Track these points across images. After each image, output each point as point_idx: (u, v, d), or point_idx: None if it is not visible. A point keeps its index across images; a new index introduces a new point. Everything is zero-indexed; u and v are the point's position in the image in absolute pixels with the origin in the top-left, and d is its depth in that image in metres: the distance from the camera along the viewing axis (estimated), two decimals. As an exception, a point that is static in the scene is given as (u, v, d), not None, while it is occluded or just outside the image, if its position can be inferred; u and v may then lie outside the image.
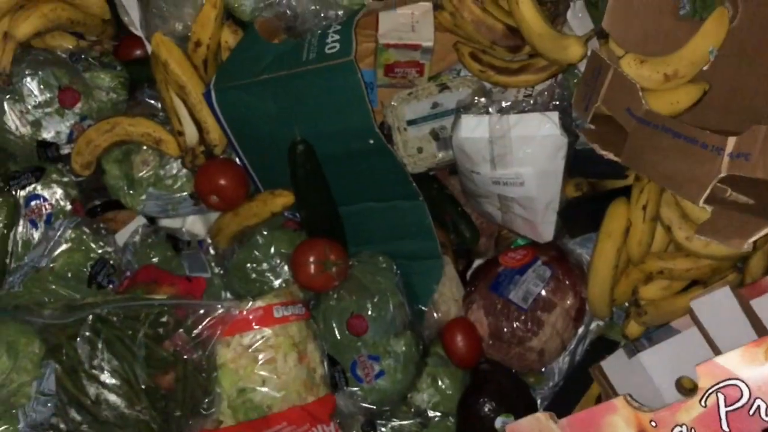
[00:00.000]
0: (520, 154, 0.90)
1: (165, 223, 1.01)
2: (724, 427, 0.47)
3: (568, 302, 0.98)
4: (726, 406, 0.47)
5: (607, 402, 0.51)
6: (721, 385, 0.47)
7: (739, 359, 0.46)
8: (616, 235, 0.90)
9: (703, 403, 0.47)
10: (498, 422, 0.93)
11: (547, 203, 0.96)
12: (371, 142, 0.88)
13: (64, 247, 0.90)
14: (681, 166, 0.70)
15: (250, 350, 0.84)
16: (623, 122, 0.79)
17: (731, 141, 0.65)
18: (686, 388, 0.76)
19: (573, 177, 1.00)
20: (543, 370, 1.03)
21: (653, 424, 0.48)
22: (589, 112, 0.82)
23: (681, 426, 0.47)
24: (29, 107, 0.92)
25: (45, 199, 0.92)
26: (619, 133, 0.80)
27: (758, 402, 0.51)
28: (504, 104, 0.93)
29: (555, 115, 0.89)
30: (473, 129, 0.91)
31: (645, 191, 0.88)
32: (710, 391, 0.47)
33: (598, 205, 0.93)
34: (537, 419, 0.56)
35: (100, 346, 0.79)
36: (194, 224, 1.01)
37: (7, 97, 0.91)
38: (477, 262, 1.08)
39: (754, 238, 0.65)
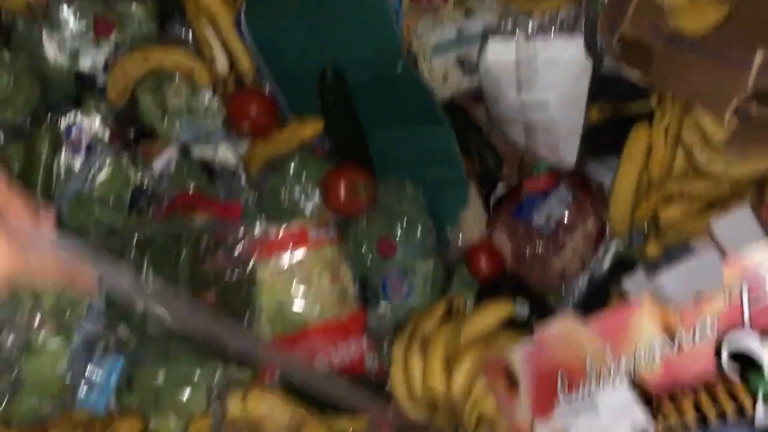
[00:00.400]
0: (546, 78, 0.91)
1: (198, 151, 1.03)
2: (746, 320, 0.49)
3: (589, 224, 1.01)
4: (749, 300, 0.49)
5: (632, 301, 0.54)
6: (745, 279, 0.49)
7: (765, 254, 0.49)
8: (638, 158, 0.91)
9: (727, 296, 0.50)
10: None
11: (570, 128, 0.97)
12: (399, 68, 0.90)
13: (104, 175, 0.94)
14: (707, 82, 0.71)
15: (286, 270, 0.88)
16: (650, 42, 0.79)
17: (759, 55, 0.65)
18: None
19: (596, 101, 1.01)
20: (563, 290, 1.07)
21: (678, 318, 0.51)
22: (616, 34, 0.83)
23: (704, 318, 0.50)
24: (66, 37, 0.93)
25: (84, 128, 0.95)
26: (645, 53, 0.81)
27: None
28: (530, 28, 0.93)
29: (580, 39, 0.89)
30: (500, 53, 0.92)
31: (667, 114, 0.88)
32: (734, 285, 0.49)
33: (620, 130, 0.94)
34: (565, 321, 0.59)
35: (144, 266, 0.84)
36: (226, 152, 1.03)
37: (45, 28, 0.92)
38: (500, 189, 1.10)
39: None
